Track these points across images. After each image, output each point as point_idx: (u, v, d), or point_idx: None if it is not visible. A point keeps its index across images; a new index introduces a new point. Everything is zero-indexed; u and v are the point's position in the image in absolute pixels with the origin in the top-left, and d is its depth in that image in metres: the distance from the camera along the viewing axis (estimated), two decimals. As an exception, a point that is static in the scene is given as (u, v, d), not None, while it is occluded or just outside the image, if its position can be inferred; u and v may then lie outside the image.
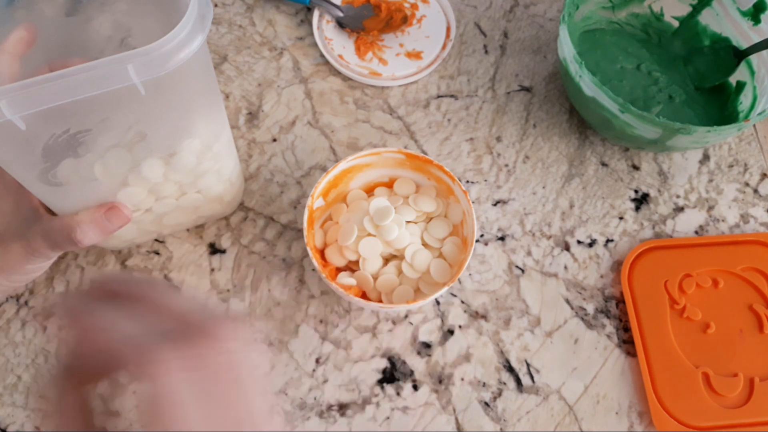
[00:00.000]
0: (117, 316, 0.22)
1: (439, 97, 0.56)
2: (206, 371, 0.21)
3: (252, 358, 0.22)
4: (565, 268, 0.49)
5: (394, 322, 0.46)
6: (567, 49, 0.48)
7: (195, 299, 0.23)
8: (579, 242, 0.50)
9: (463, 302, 0.47)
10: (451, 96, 0.56)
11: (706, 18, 0.56)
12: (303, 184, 0.51)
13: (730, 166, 0.55)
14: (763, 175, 0.55)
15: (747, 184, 0.54)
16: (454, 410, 0.44)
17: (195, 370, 0.21)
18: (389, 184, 0.48)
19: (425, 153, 0.53)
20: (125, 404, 0.43)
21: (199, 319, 0.22)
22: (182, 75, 0.31)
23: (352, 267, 0.45)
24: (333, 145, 0.53)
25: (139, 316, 0.22)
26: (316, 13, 0.58)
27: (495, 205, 0.51)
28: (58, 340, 0.22)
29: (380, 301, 0.44)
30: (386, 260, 0.45)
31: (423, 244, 0.45)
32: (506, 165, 0.53)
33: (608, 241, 0.51)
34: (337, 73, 0.56)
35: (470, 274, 0.48)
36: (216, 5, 0.59)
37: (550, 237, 0.50)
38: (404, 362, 0.45)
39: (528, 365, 0.46)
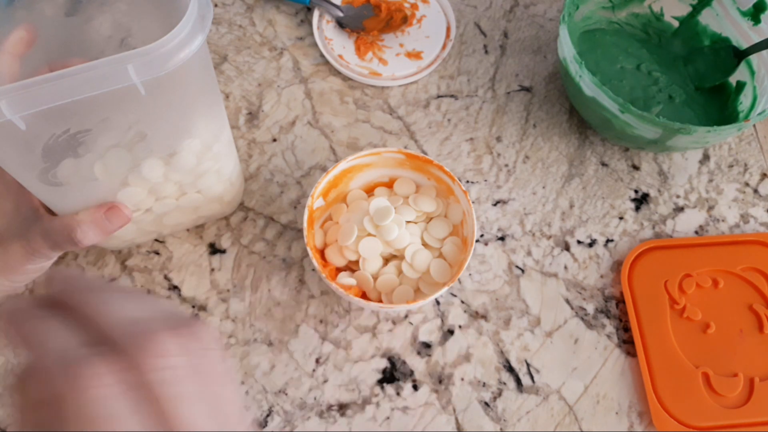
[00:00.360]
0: (50, 328, 0.21)
1: (439, 97, 0.56)
2: (143, 387, 0.20)
3: (207, 367, 0.21)
4: (565, 268, 0.49)
5: (394, 322, 0.46)
6: (567, 49, 0.48)
7: (136, 303, 0.22)
8: (579, 242, 0.50)
9: (463, 302, 0.47)
10: (451, 96, 0.56)
11: (706, 18, 0.56)
12: (303, 184, 0.51)
13: (730, 166, 0.55)
14: (763, 175, 0.55)
15: (747, 184, 0.54)
16: (454, 410, 0.44)
17: (131, 388, 0.19)
18: (389, 184, 0.48)
19: (425, 153, 0.53)
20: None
21: (132, 330, 0.20)
22: (182, 75, 0.31)
23: (352, 267, 0.45)
24: (333, 145, 0.53)
25: (73, 329, 0.21)
26: (316, 13, 0.58)
27: (495, 205, 0.51)
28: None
29: (380, 301, 0.44)
30: (386, 260, 0.45)
31: (423, 244, 0.45)
32: (506, 165, 0.53)
33: (608, 241, 0.51)
34: (337, 73, 0.56)
35: (470, 274, 0.48)
36: (216, 5, 0.59)
37: (550, 237, 0.50)
38: (404, 362, 0.45)
39: (528, 365, 0.46)
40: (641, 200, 0.52)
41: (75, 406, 0.19)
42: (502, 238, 0.50)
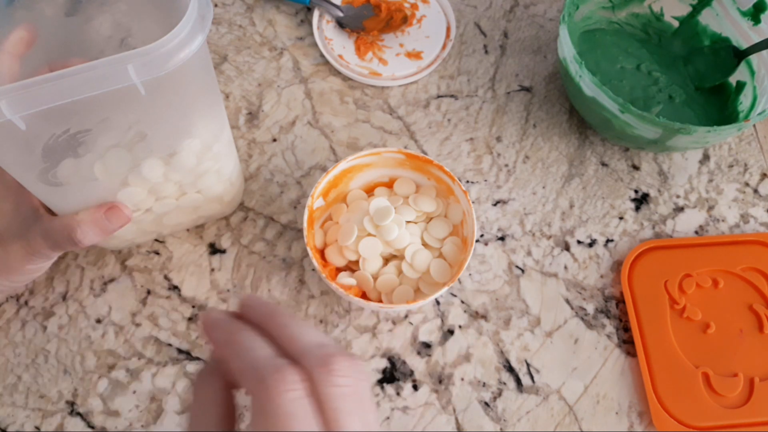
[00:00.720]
0: (254, 340, 0.25)
1: (439, 97, 0.56)
2: (319, 397, 0.24)
3: (363, 391, 0.25)
4: (565, 268, 0.49)
5: (394, 322, 0.46)
6: (567, 49, 0.48)
7: (314, 331, 0.26)
8: (579, 242, 0.50)
9: (463, 302, 0.47)
10: (451, 96, 0.56)
11: (706, 18, 0.56)
12: (303, 184, 0.51)
13: (730, 166, 0.55)
14: (763, 175, 0.55)
15: (747, 184, 0.54)
16: (454, 410, 0.44)
17: (309, 396, 0.24)
18: (389, 184, 0.48)
19: (425, 153, 0.53)
20: (125, 404, 0.43)
21: (316, 352, 0.25)
22: (182, 75, 0.31)
23: (352, 267, 0.45)
24: (333, 145, 0.53)
25: (265, 342, 0.25)
26: (316, 13, 0.58)
27: (495, 205, 0.51)
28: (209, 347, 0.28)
29: (380, 301, 0.44)
30: (386, 260, 0.45)
31: (423, 244, 0.45)
32: (506, 165, 0.53)
33: (608, 241, 0.51)
34: (337, 73, 0.56)
35: (470, 274, 0.48)
36: (216, 5, 0.59)
37: (550, 237, 0.50)
38: (404, 362, 0.45)
39: (528, 365, 0.46)
40: (641, 200, 0.52)
41: (274, 404, 0.23)
42: (502, 238, 0.50)
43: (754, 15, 0.52)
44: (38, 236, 0.37)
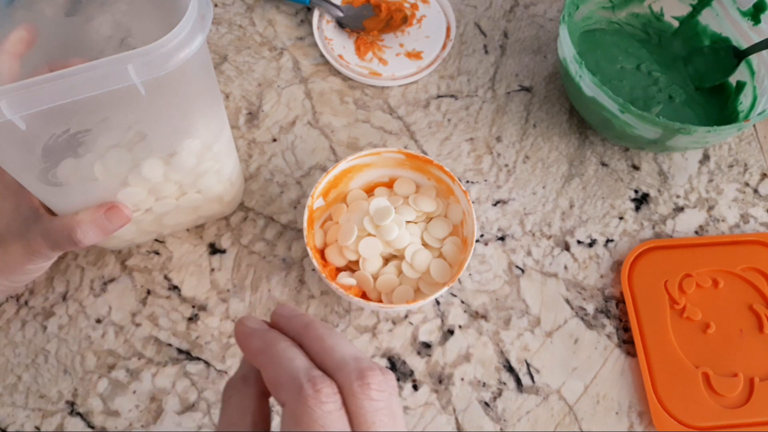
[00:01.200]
0: (290, 350, 0.26)
1: (439, 97, 0.56)
2: (353, 410, 0.24)
3: (394, 405, 0.25)
4: (565, 268, 0.49)
5: (394, 322, 0.46)
6: (567, 49, 0.48)
7: (349, 344, 0.27)
8: (579, 242, 0.50)
9: (463, 302, 0.47)
10: (451, 96, 0.56)
11: (706, 18, 0.56)
12: (303, 184, 0.51)
13: (730, 166, 0.55)
14: (763, 175, 0.55)
15: (747, 184, 0.54)
16: (454, 410, 0.44)
17: (342, 409, 0.24)
18: (389, 184, 0.48)
19: (425, 153, 0.53)
20: (125, 404, 0.43)
21: (353, 365, 0.25)
22: (182, 75, 0.31)
23: (352, 267, 0.45)
24: (333, 145, 0.53)
25: (300, 353, 0.26)
26: (316, 13, 0.58)
27: (495, 205, 0.51)
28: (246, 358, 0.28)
29: (380, 301, 0.44)
30: (386, 260, 0.45)
31: (423, 244, 0.45)
32: (506, 165, 0.53)
33: (608, 241, 0.51)
34: (337, 73, 0.56)
35: (470, 274, 0.48)
36: (216, 5, 0.59)
37: (550, 237, 0.50)
38: (404, 362, 0.45)
39: (528, 365, 0.46)
40: (641, 200, 0.52)
41: (310, 415, 0.23)
42: (502, 238, 0.50)
43: (754, 15, 0.52)
44: (38, 236, 0.37)
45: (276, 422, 0.42)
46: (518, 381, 0.45)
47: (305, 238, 0.43)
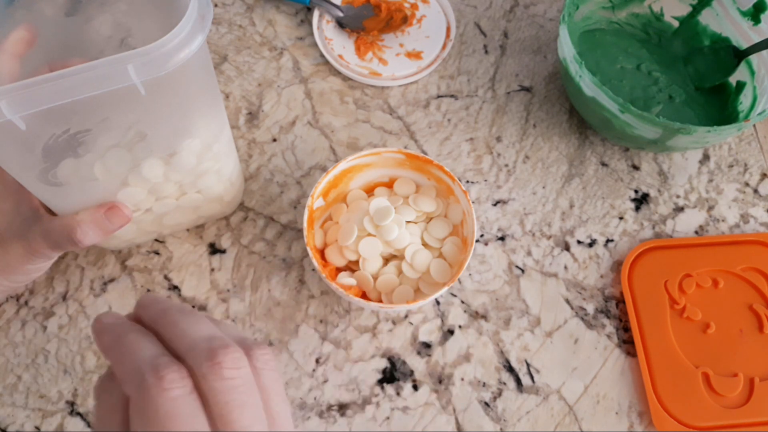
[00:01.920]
0: (139, 341, 0.24)
1: (439, 97, 0.56)
2: (205, 393, 0.23)
3: (263, 382, 0.24)
4: (565, 268, 0.49)
5: (394, 322, 0.46)
6: (567, 49, 0.48)
7: (206, 325, 0.25)
8: (579, 242, 0.50)
9: (463, 302, 0.47)
10: (451, 96, 0.56)
11: (706, 18, 0.56)
12: (303, 184, 0.51)
13: (730, 166, 0.55)
14: (763, 175, 0.55)
15: (747, 184, 0.54)
16: (454, 410, 0.44)
17: (192, 393, 0.23)
18: (389, 184, 0.48)
19: (425, 153, 0.53)
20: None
21: (204, 345, 0.24)
22: (182, 75, 0.31)
23: (352, 267, 0.45)
24: (333, 145, 0.53)
25: (153, 341, 0.24)
26: (316, 13, 0.58)
27: (495, 205, 0.51)
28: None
29: (380, 301, 0.44)
30: (386, 260, 0.45)
31: (423, 244, 0.45)
32: (506, 165, 0.53)
33: (608, 241, 0.51)
34: (337, 73, 0.56)
35: (470, 274, 0.48)
36: (216, 5, 0.59)
37: (550, 237, 0.50)
38: (404, 362, 0.45)
39: (528, 365, 0.46)
40: (641, 200, 0.52)
41: (152, 405, 0.22)
42: (502, 238, 0.50)
43: (754, 15, 0.52)
44: (38, 236, 0.37)
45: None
46: (518, 381, 0.45)
47: (305, 238, 0.43)
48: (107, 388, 0.25)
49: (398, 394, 0.44)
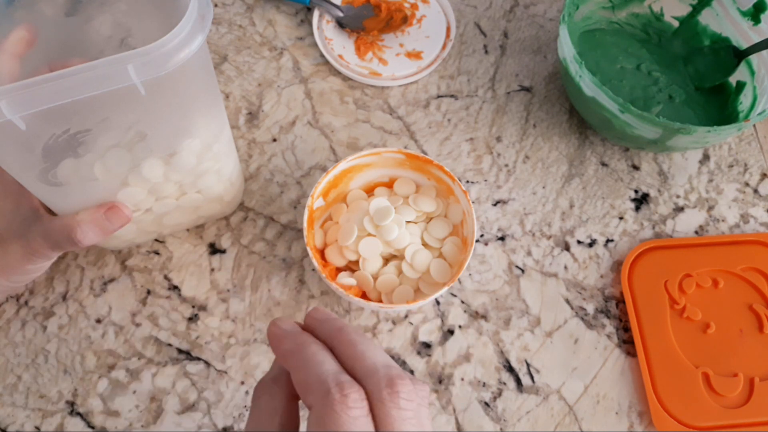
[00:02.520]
0: (321, 354, 0.26)
1: (439, 97, 0.56)
2: (380, 418, 0.24)
3: (423, 417, 0.25)
4: (565, 268, 0.49)
5: (394, 322, 0.46)
6: (567, 49, 0.48)
7: (381, 351, 0.27)
8: (579, 242, 0.50)
9: (463, 302, 0.47)
10: (451, 96, 0.56)
11: (706, 18, 0.56)
12: (303, 184, 0.51)
13: (730, 166, 0.55)
14: (763, 175, 0.55)
15: (747, 184, 0.54)
16: (454, 410, 0.44)
17: (368, 416, 0.24)
18: (389, 184, 0.48)
19: (425, 153, 0.53)
20: (125, 404, 0.43)
21: (383, 372, 0.25)
22: (182, 75, 0.31)
23: (352, 267, 0.45)
24: (333, 145, 0.53)
25: (330, 357, 0.26)
26: (316, 13, 0.58)
27: (495, 205, 0.51)
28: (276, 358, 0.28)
29: (380, 301, 0.44)
30: (386, 260, 0.45)
31: (423, 244, 0.45)
32: (506, 165, 0.53)
33: (608, 241, 0.51)
34: (337, 73, 0.56)
35: (470, 274, 0.48)
36: (216, 5, 0.59)
37: (550, 237, 0.50)
38: (404, 362, 0.45)
39: (528, 365, 0.46)
40: (641, 200, 0.52)
41: (336, 420, 0.23)
42: (502, 238, 0.50)
43: (754, 15, 0.52)
44: (38, 236, 0.37)
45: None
46: (518, 381, 0.45)
47: (305, 238, 0.43)
48: (270, 391, 0.27)
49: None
